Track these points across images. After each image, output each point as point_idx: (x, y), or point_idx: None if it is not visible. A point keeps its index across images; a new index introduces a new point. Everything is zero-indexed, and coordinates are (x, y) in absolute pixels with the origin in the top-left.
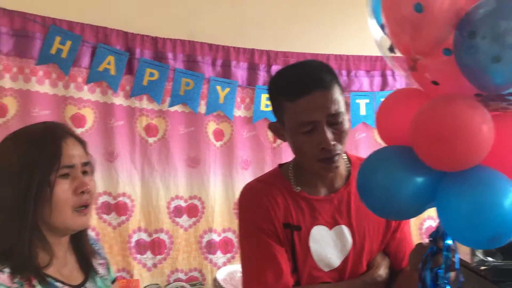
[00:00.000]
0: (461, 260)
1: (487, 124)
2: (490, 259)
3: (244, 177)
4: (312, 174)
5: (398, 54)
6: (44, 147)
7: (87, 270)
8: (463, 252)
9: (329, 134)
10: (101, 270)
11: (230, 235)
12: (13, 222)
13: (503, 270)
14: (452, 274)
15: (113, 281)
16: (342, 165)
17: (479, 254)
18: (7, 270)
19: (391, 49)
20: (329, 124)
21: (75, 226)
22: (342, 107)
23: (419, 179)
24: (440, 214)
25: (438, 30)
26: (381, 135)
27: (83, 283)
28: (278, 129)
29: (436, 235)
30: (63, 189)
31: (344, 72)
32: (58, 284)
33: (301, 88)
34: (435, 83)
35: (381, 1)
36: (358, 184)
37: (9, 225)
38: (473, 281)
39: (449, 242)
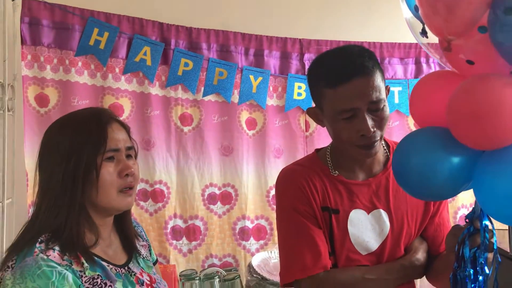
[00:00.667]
0: (500, 249)
1: None
2: None
3: (276, 166)
4: (351, 159)
5: (430, 37)
6: (90, 131)
7: (130, 251)
8: (503, 242)
9: (370, 121)
10: (143, 251)
11: (263, 222)
12: (62, 203)
13: None
14: (490, 255)
15: (155, 263)
16: (380, 150)
17: None
18: (57, 248)
19: (423, 32)
20: (370, 111)
21: (120, 206)
22: (383, 94)
23: (456, 159)
24: (477, 193)
25: (473, 9)
26: (415, 118)
27: (126, 263)
28: (317, 115)
29: (473, 216)
30: (109, 171)
31: (377, 60)
32: (103, 263)
33: (342, 75)
34: (470, 62)
35: None
36: (394, 166)
37: (59, 206)
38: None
39: (487, 222)
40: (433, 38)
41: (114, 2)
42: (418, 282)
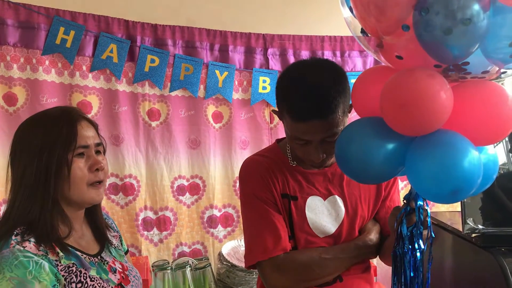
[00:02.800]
0: (453, 229)
1: (445, 91)
2: (480, 226)
3: (242, 157)
4: None
5: (369, 35)
6: (61, 129)
7: (102, 241)
8: (456, 222)
9: (320, 151)
10: (114, 241)
11: (230, 210)
12: (36, 198)
13: (493, 236)
14: (425, 232)
15: (126, 252)
16: None
17: (470, 222)
18: (32, 240)
19: (363, 32)
20: (323, 142)
21: (91, 199)
22: (341, 125)
23: (389, 145)
24: (409, 175)
25: (400, 11)
26: (356, 109)
27: (99, 253)
28: (280, 118)
29: (409, 197)
30: (79, 167)
31: (338, 53)
32: (77, 252)
33: (300, 114)
34: (399, 57)
35: None
36: (336, 153)
37: (33, 200)
38: (465, 248)
39: (420, 202)
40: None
41: (79, 0)
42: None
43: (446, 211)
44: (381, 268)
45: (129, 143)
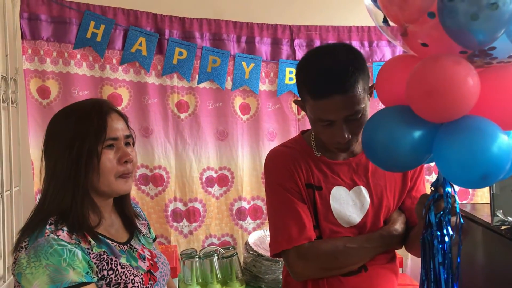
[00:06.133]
0: (481, 221)
1: (471, 77)
2: (510, 218)
3: (270, 148)
4: None
5: (391, 25)
6: (92, 121)
7: (131, 229)
8: (485, 214)
9: (345, 130)
10: (143, 229)
11: (259, 202)
12: (68, 188)
13: None
14: (453, 219)
15: (154, 239)
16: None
17: (500, 214)
18: (65, 228)
19: (385, 21)
20: (347, 121)
21: (120, 190)
22: (362, 104)
23: (416, 133)
24: (437, 161)
25: None
26: (381, 98)
27: (128, 241)
28: (302, 107)
29: (437, 183)
30: (109, 158)
31: (366, 43)
32: (108, 241)
33: (321, 90)
34: (424, 45)
35: None
36: (363, 141)
37: (64, 190)
38: (494, 241)
39: (449, 189)
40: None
41: None
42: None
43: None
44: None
45: (158, 134)
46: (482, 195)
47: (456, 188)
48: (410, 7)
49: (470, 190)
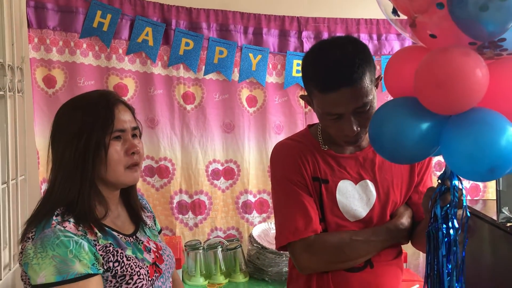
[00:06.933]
0: (488, 218)
1: (480, 69)
2: None
3: (277, 141)
4: None
5: (401, 16)
6: (99, 112)
7: (137, 221)
8: (490, 211)
9: (354, 123)
10: (148, 221)
11: (265, 196)
12: (75, 179)
13: None
14: (459, 212)
15: (159, 232)
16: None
17: (505, 211)
18: (72, 220)
19: (394, 12)
20: (355, 113)
21: (127, 181)
22: (370, 96)
23: (424, 125)
24: (445, 154)
25: None
26: (389, 90)
27: (134, 233)
28: (309, 102)
29: (444, 176)
30: (116, 150)
31: (374, 36)
32: (114, 232)
33: (329, 84)
34: (432, 36)
35: None
36: (370, 133)
37: (71, 181)
38: (500, 237)
39: (456, 182)
40: (402, 16)
41: None
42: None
43: (488, 200)
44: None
45: (164, 126)
46: (494, 192)
47: (468, 183)
48: None
49: (481, 186)
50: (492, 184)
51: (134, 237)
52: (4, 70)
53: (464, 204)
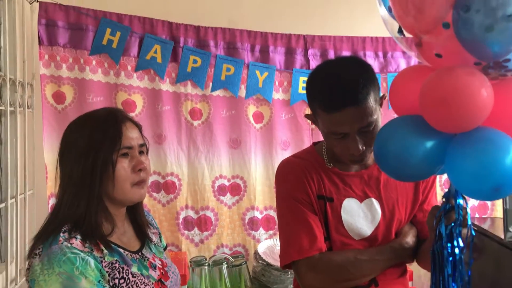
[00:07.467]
0: (495, 236)
1: (485, 88)
2: None
3: (283, 157)
4: None
5: (406, 35)
6: (107, 130)
7: (143, 238)
8: (498, 229)
9: (359, 142)
10: (154, 238)
11: (272, 213)
12: (82, 195)
13: None
14: (464, 230)
15: (165, 248)
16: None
17: None
18: (79, 237)
19: (400, 31)
20: (360, 133)
21: (134, 198)
22: (375, 115)
23: (429, 143)
24: (449, 172)
25: (438, 9)
26: (394, 108)
27: (140, 249)
28: (314, 121)
29: (449, 195)
30: (123, 167)
31: (380, 54)
32: (120, 249)
33: (334, 104)
34: (438, 55)
35: None
36: (375, 151)
37: (79, 198)
38: (507, 256)
39: (461, 201)
40: (408, 35)
41: (125, 3)
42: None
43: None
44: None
45: (171, 141)
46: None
47: (476, 201)
48: (425, 17)
49: (489, 204)
50: (500, 202)
51: (139, 253)
52: (15, 86)
53: (469, 223)
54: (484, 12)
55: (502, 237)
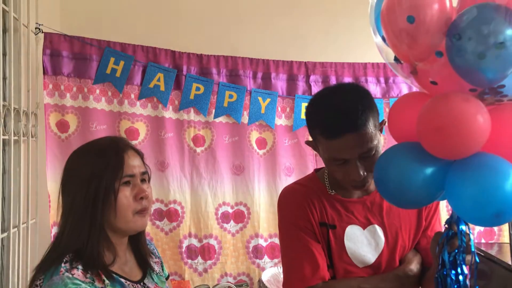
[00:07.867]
0: (503, 263)
1: (481, 114)
2: None
3: (287, 183)
4: None
5: (402, 63)
6: (109, 158)
7: (145, 267)
8: (506, 255)
9: (360, 168)
10: (156, 267)
11: (276, 240)
12: (84, 225)
13: None
14: (468, 257)
15: (167, 278)
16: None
17: None
18: (80, 267)
19: (396, 60)
20: (361, 158)
21: (136, 227)
22: (375, 140)
23: (428, 169)
24: (449, 199)
25: (431, 38)
26: (392, 134)
27: (142, 279)
28: (315, 148)
29: (451, 221)
30: (125, 195)
31: (382, 80)
32: (121, 279)
33: (334, 130)
34: (433, 83)
35: (380, 17)
36: (375, 178)
37: (81, 227)
38: None
39: (463, 227)
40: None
41: (129, 32)
42: None
43: (504, 243)
44: None
45: (174, 168)
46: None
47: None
48: (418, 46)
49: (495, 229)
50: (507, 227)
51: (141, 283)
52: (19, 116)
53: (473, 249)
54: (476, 40)
55: (510, 263)
